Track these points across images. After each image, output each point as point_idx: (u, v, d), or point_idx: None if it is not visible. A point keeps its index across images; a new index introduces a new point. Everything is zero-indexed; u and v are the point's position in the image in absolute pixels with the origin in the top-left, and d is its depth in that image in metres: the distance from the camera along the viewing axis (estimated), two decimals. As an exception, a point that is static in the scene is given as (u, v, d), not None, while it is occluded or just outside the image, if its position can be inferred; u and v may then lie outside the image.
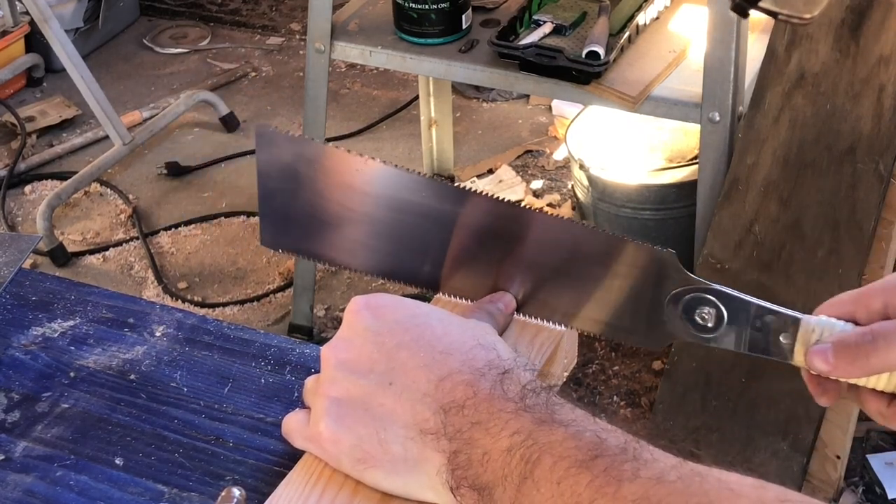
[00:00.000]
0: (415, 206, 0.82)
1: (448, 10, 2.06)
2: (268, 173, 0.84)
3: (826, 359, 0.71)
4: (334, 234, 0.85)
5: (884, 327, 0.71)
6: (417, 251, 0.84)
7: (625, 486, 0.61)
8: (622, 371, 2.38)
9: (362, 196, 0.82)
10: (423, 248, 0.83)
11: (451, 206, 0.81)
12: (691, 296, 0.76)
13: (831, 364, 0.71)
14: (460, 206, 0.81)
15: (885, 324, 0.71)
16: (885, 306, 0.72)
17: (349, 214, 0.83)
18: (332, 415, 0.72)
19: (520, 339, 0.82)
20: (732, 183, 1.89)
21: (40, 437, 0.82)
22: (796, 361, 0.74)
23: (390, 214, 0.82)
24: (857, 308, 0.73)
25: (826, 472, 1.94)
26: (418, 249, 0.84)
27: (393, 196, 0.82)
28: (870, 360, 0.70)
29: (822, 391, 0.75)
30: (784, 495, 0.61)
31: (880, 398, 0.74)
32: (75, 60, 2.87)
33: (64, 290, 0.96)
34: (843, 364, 0.71)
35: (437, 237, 0.83)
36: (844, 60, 1.77)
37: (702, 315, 0.76)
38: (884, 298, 0.72)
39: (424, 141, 2.91)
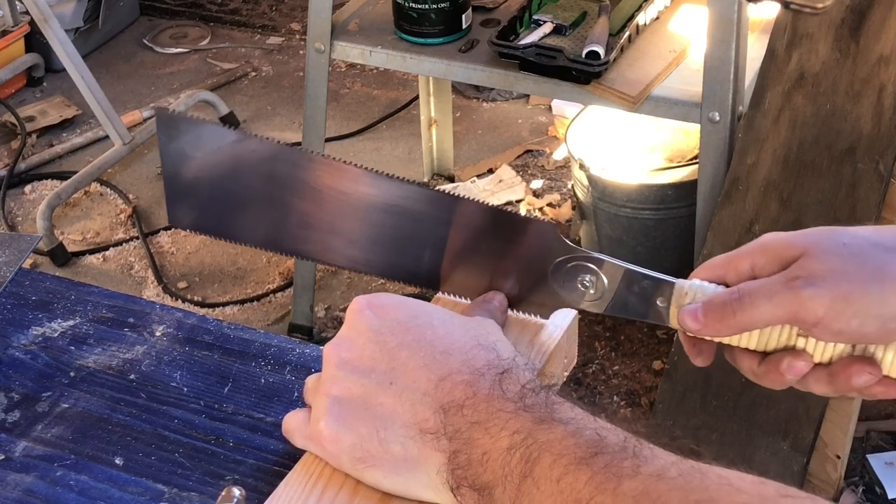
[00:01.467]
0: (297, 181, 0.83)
1: (448, 10, 2.06)
2: (170, 154, 0.85)
3: (696, 318, 0.74)
4: (239, 215, 0.87)
5: (749, 286, 0.73)
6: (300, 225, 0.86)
7: (625, 483, 0.61)
8: (622, 371, 2.38)
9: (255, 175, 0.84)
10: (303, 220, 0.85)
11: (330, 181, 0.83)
12: (573, 264, 0.79)
13: (701, 322, 0.74)
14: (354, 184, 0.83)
15: (750, 283, 0.74)
16: (752, 268, 0.75)
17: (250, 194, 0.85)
18: (333, 414, 0.72)
19: (520, 339, 0.82)
20: (732, 183, 1.89)
21: (40, 437, 0.82)
22: (672, 324, 0.77)
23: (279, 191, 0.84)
24: (727, 271, 0.76)
25: (826, 472, 1.94)
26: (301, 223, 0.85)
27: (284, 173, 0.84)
28: (736, 317, 0.73)
29: (697, 352, 0.79)
30: (784, 491, 0.61)
31: (752, 357, 0.76)
32: (75, 60, 2.87)
33: (64, 290, 0.96)
34: (712, 322, 0.74)
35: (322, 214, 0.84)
36: (844, 60, 1.77)
37: (583, 282, 0.80)
38: (751, 260, 0.75)
39: (424, 141, 2.91)
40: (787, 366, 0.74)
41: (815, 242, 0.73)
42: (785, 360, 0.75)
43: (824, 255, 0.72)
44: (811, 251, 0.73)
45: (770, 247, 0.75)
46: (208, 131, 0.85)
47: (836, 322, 0.71)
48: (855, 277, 0.71)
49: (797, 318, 0.72)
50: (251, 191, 0.85)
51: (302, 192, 0.84)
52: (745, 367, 0.77)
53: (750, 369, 0.77)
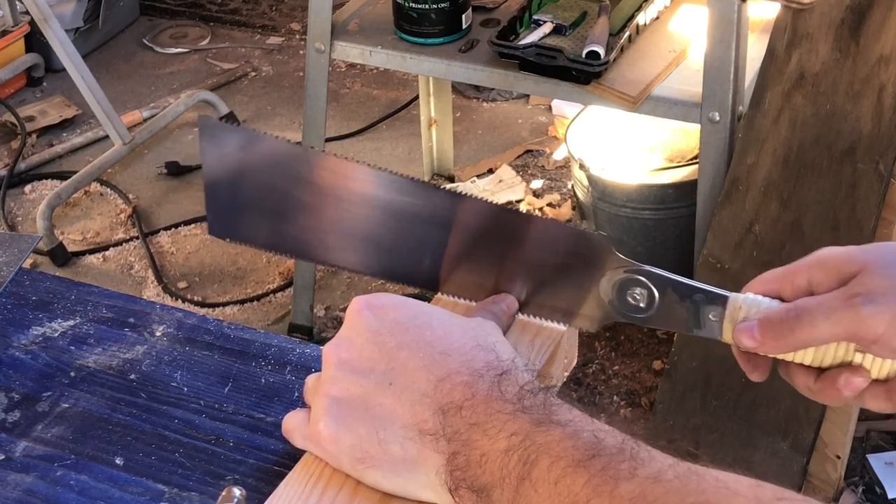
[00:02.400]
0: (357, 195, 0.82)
1: (448, 10, 2.06)
2: (212, 163, 0.84)
3: (752, 335, 0.73)
4: (281, 225, 0.85)
5: (807, 303, 0.72)
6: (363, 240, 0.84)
7: (622, 485, 0.62)
8: (622, 371, 2.38)
9: (305, 186, 0.83)
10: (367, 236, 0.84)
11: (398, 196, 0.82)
12: (624, 277, 0.78)
13: (757, 340, 0.73)
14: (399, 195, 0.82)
15: (808, 300, 0.73)
16: (809, 283, 0.74)
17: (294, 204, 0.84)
18: (332, 414, 0.72)
19: (520, 339, 0.82)
20: (732, 183, 1.89)
21: (40, 437, 0.82)
22: (725, 338, 0.76)
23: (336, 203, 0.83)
24: (783, 285, 0.75)
25: (826, 472, 1.94)
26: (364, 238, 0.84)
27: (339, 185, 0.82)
28: (794, 335, 0.72)
29: (752, 367, 0.77)
30: (781, 494, 0.61)
31: (808, 373, 0.75)
32: (75, 60, 2.87)
33: (64, 290, 0.96)
34: (769, 340, 0.73)
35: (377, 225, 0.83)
36: (844, 60, 1.77)
37: (634, 295, 0.78)
38: (808, 275, 0.74)
39: (424, 141, 2.91)
40: (845, 382, 0.73)
41: (874, 258, 0.73)
42: (842, 376, 0.73)
43: (884, 270, 0.71)
44: (870, 267, 0.72)
45: (828, 262, 0.74)
46: (252, 139, 0.84)
47: (895, 339, 0.70)
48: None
49: (857, 335, 0.71)
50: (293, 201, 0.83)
51: (349, 204, 0.82)
52: (801, 383, 0.76)
53: (805, 385, 0.76)
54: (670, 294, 0.77)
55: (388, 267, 0.85)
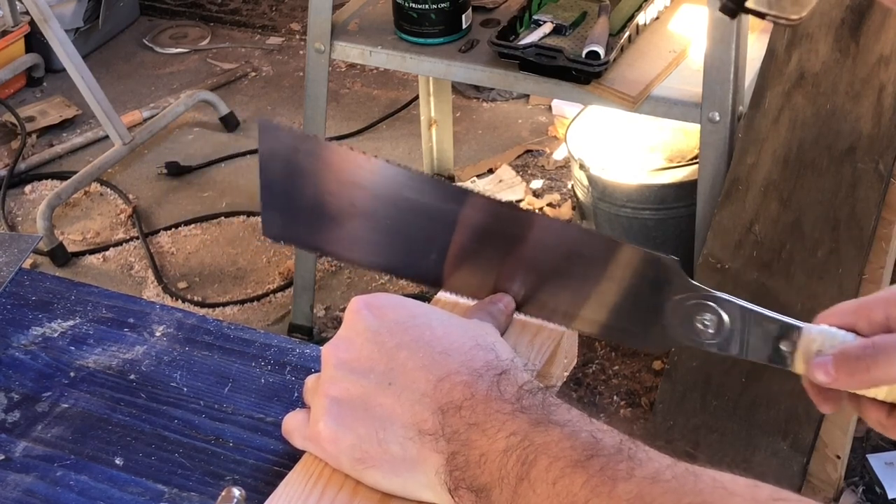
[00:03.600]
0: (414, 203, 0.82)
1: (448, 10, 2.06)
2: (270, 166, 0.84)
3: (827, 371, 0.72)
4: (335, 228, 0.85)
5: (885, 340, 0.71)
6: (417, 248, 0.84)
7: (620, 486, 0.62)
8: (622, 371, 2.38)
9: (362, 191, 0.83)
10: (423, 245, 0.84)
11: (450, 205, 0.82)
12: (693, 302, 0.77)
13: (832, 376, 0.72)
14: (460, 206, 0.81)
15: (886, 337, 0.71)
16: (887, 318, 0.73)
17: (349, 209, 0.84)
18: (332, 414, 0.72)
19: (520, 339, 0.82)
20: (732, 183, 1.89)
21: (40, 437, 0.82)
22: (797, 369, 0.74)
23: (390, 211, 0.83)
24: (859, 319, 0.74)
25: (826, 472, 1.94)
26: (418, 246, 0.84)
27: (393, 193, 0.82)
28: (871, 372, 0.71)
29: (822, 399, 0.76)
30: (778, 494, 0.61)
31: (880, 408, 0.74)
32: (75, 60, 2.87)
33: (64, 290, 0.96)
34: (844, 376, 0.71)
35: (436, 235, 0.83)
36: (844, 60, 1.77)
37: (703, 321, 0.76)
38: (886, 310, 0.73)
39: (424, 141, 2.91)
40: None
41: None
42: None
43: None
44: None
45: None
46: (312, 143, 0.84)
47: None
48: None
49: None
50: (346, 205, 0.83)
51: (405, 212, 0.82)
52: (873, 418, 0.75)
53: (877, 420, 0.75)
54: (741, 322, 0.75)
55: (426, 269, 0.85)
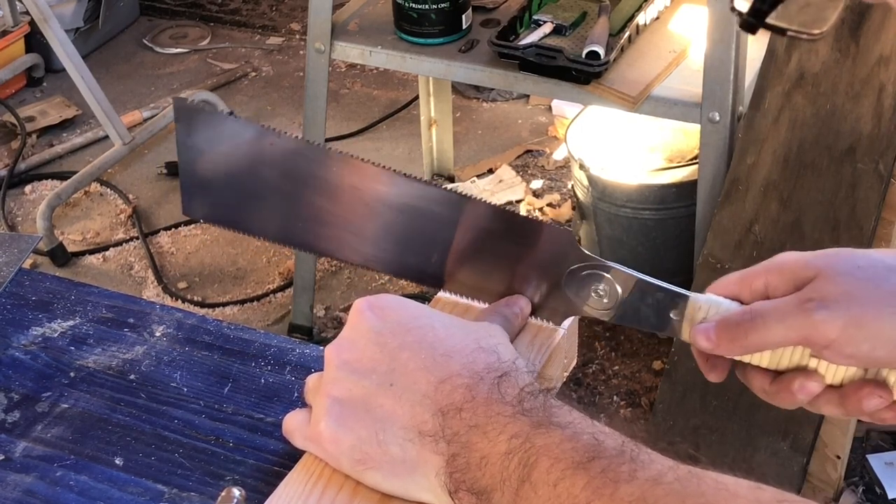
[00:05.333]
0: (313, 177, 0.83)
1: (448, 10, 2.06)
2: (187, 144, 0.85)
3: (709, 336, 0.74)
4: (252, 206, 0.86)
5: (762, 307, 0.73)
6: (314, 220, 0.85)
7: (622, 488, 0.62)
8: (622, 371, 2.38)
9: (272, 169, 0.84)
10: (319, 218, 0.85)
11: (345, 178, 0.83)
12: (587, 272, 0.79)
13: (713, 342, 0.74)
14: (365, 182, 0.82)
15: (763, 303, 0.74)
16: (766, 286, 0.75)
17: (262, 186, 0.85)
18: (333, 415, 0.72)
19: (519, 339, 0.82)
20: (732, 183, 1.89)
21: (40, 437, 0.82)
22: (684, 338, 0.77)
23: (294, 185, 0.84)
24: (742, 288, 0.76)
25: (826, 472, 1.94)
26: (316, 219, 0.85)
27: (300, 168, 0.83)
28: (748, 338, 0.73)
29: (710, 367, 0.78)
30: (781, 496, 0.61)
31: (764, 375, 0.76)
32: (75, 60, 2.87)
33: (64, 290, 0.96)
34: (725, 342, 0.74)
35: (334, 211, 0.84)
36: (844, 60, 1.77)
37: (598, 291, 0.79)
38: (765, 279, 0.75)
39: (424, 141, 2.91)
40: (799, 386, 0.74)
41: (829, 264, 0.73)
42: (797, 380, 0.74)
43: (838, 277, 0.72)
44: (825, 273, 0.72)
45: (785, 266, 0.75)
46: (225, 123, 0.85)
47: (847, 346, 0.70)
48: (868, 301, 0.70)
49: (809, 340, 0.72)
50: (266, 184, 0.85)
51: (318, 188, 0.83)
52: (757, 385, 0.77)
53: (761, 388, 0.77)
54: (633, 291, 0.78)
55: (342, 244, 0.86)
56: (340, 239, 0.85)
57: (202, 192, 0.87)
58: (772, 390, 0.76)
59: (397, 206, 0.83)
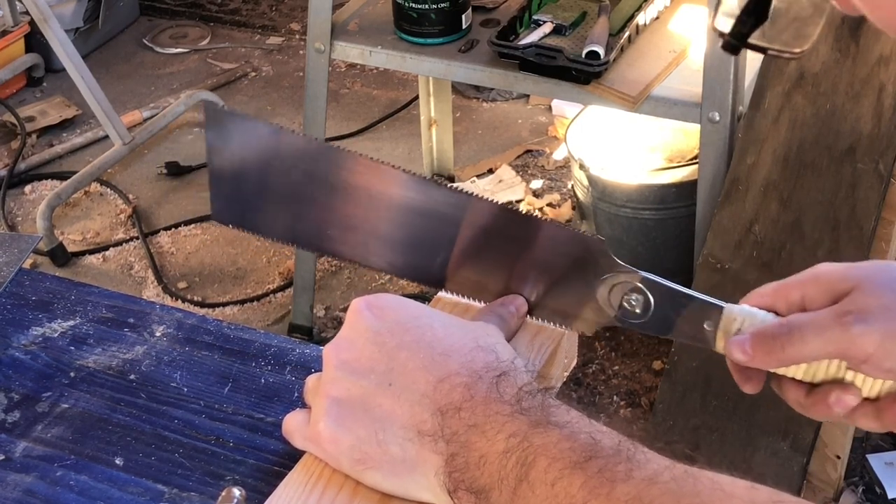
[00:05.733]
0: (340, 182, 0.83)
1: (448, 10, 2.06)
2: (217, 150, 0.85)
3: (744, 349, 0.73)
4: (284, 213, 0.86)
5: (799, 319, 0.73)
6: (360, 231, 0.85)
7: (618, 487, 0.62)
8: (622, 371, 2.38)
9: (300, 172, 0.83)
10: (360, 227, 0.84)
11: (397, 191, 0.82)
12: (620, 282, 0.78)
13: (749, 355, 0.73)
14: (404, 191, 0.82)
15: (800, 316, 0.73)
16: (802, 298, 0.75)
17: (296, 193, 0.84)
18: (332, 415, 0.72)
19: (520, 339, 0.82)
20: (732, 183, 1.89)
21: (40, 437, 0.82)
22: (719, 349, 0.76)
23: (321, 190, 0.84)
24: (777, 299, 0.76)
25: (826, 472, 1.94)
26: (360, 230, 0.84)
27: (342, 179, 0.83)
28: (785, 351, 0.72)
29: (745, 378, 0.77)
30: (776, 496, 0.61)
31: (799, 387, 0.76)
32: (75, 60, 2.87)
33: (64, 290, 0.96)
34: (760, 355, 0.73)
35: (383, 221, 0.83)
36: (844, 60, 1.77)
37: (630, 301, 0.78)
38: (802, 291, 0.75)
39: (424, 141, 2.91)
40: (836, 399, 0.73)
41: (867, 276, 0.72)
42: (833, 393, 0.73)
43: (876, 289, 0.71)
44: (863, 285, 0.72)
45: (822, 278, 0.74)
46: (255, 127, 0.84)
47: (885, 360, 0.70)
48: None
49: (847, 354, 0.71)
50: (295, 187, 0.84)
51: (345, 193, 0.83)
52: (792, 397, 0.76)
53: (796, 400, 0.76)
54: (666, 302, 0.77)
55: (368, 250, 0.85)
56: (366, 244, 0.85)
57: (233, 197, 0.86)
58: (807, 403, 0.75)
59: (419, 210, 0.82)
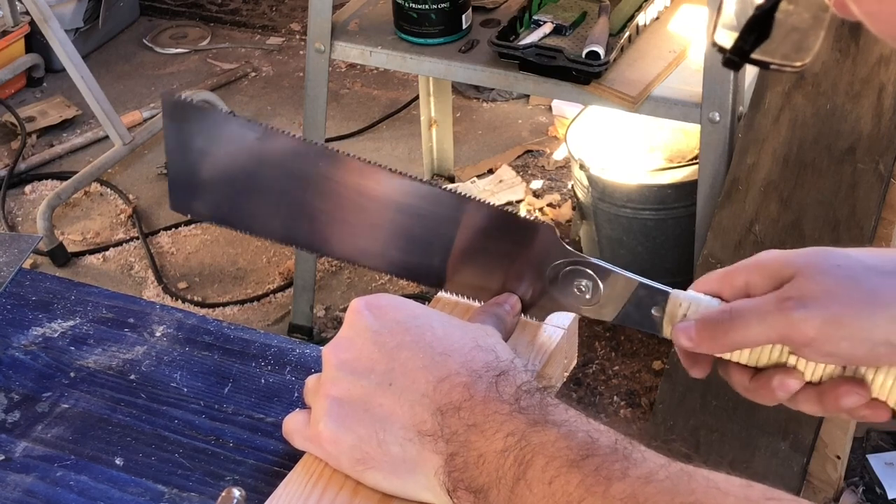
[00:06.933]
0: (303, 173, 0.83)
1: (448, 10, 2.06)
2: (176, 140, 0.85)
3: (689, 335, 0.75)
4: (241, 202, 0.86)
5: (742, 305, 0.74)
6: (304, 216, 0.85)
7: (614, 485, 0.62)
8: (622, 371, 2.38)
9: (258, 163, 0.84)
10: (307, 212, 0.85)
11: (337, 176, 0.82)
12: (569, 268, 0.79)
13: (694, 341, 0.75)
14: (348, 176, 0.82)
15: (743, 302, 0.74)
16: (746, 284, 0.76)
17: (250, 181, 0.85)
18: (333, 415, 0.72)
19: (520, 339, 0.83)
20: (732, 183, 1.89)
21: (40, 438, 0.82)
22: (665, 335, 0.78)
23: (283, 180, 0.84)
24: (723, 285, 0.77)
25: (826, 472, 1.94)
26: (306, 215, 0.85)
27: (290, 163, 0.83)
28: (728, 337, 0.73)
29: (692, 363, 0.79)
30: (770, 494, 0.61)
31: (744, 372, 0.77)
32: (75, 60, 2.87)
33: (64, 290, 0.96)
34: (705, 341, 0.74)
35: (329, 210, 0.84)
36: (844, 60, 1.77)
37: (579, 287, 0.79)
38: (746, 277, 0.76)
39: (424, 141, 2.91)
40: (779, 383, 0.75)
41: (809, 263, 0.73)
42: (776, 377, 0.75)
43: (817, 276, 0.72)
44: (805, 271, 0.73)
45: (766, 264, 0.75)
46: (213, 118, 0.85)
47: (826, 344, 0.71)
48: (846, 300, 0.71)
49: (788, 339, 0.72)
50: (254, 179, 0.85)
51: (308, 184, 0.83)
52: (737, 381, 0.78)
53: (741, 384, 0.77)
54: (614, 287, 0.78)
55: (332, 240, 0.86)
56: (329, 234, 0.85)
57: (189, 187, 0.87)
58: (752, 387, 0.77)
59: (393, 205, 0.82)
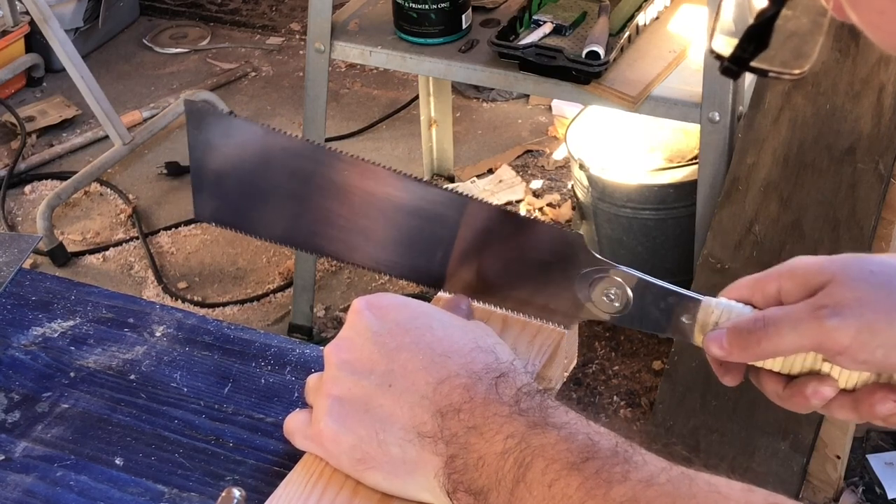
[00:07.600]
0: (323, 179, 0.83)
1: (448, 10, 2.06)
2: (198, 147, 0.85)
3: (721, 344, 0.74)
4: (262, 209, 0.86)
5: (774, 313, 0.73)
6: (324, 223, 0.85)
7: (614, 488, 0.62)
8: (622, 371, 2.38)
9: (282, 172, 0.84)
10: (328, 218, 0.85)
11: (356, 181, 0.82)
12: (598, 276, 0.78)
13: (725, 349, 0.74)
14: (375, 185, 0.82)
15: (775, 310, 0.73)
16: (778, 291, 0.75)
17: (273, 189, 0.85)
18: (334, 414, 0.72)
19: (520, 339, 0.82)
20: (732, 183, 1.89)
21: (40, 438, 0.82)
22: (697, 342, 0.77)
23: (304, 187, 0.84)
24: (755, 292, 0.76)
25: (826, 472, 1.94)
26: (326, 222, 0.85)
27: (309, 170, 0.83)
28: (761, 345, 0.73)
29: (724, 371, 0.78)
30: (772, 498, 0.61)
31: (777, 380, 0.76)
32: (75, 60, 2.87)
33: (64, 290, 0.96)
34: (737, 350, 0.74)
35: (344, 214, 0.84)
36: (844, 60, 1.77)
37: (608, 295, 0.78)
38: (778, 284, 0.75)
39: (424, 141, 2.91)
40: (813, 391, 0.74)
41: (842, 269, 0.72)
42: (810, 385, 0.74)
43: (851, 282, 0.71)
44: (838, 278, 0.72)
45: (798, 271, 0.74)
46: (237, 125, 0.85)
47: (861, 352, 0.70)
48: (881, 307, 0.70)
49: (822, 347, 0.71)
50: (276, 186, 0.84)
51: (329, 191, 0.83)
52: (770, 389, 0.76)
53: (774, 392, 0.76)
54: (644, 295, 0.77)
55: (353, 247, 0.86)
56: (350, 242, 0.85)
57: (214, 195, 0.87)
58: (785, 395, 0.75)
59: (407, 209, 0.82)
